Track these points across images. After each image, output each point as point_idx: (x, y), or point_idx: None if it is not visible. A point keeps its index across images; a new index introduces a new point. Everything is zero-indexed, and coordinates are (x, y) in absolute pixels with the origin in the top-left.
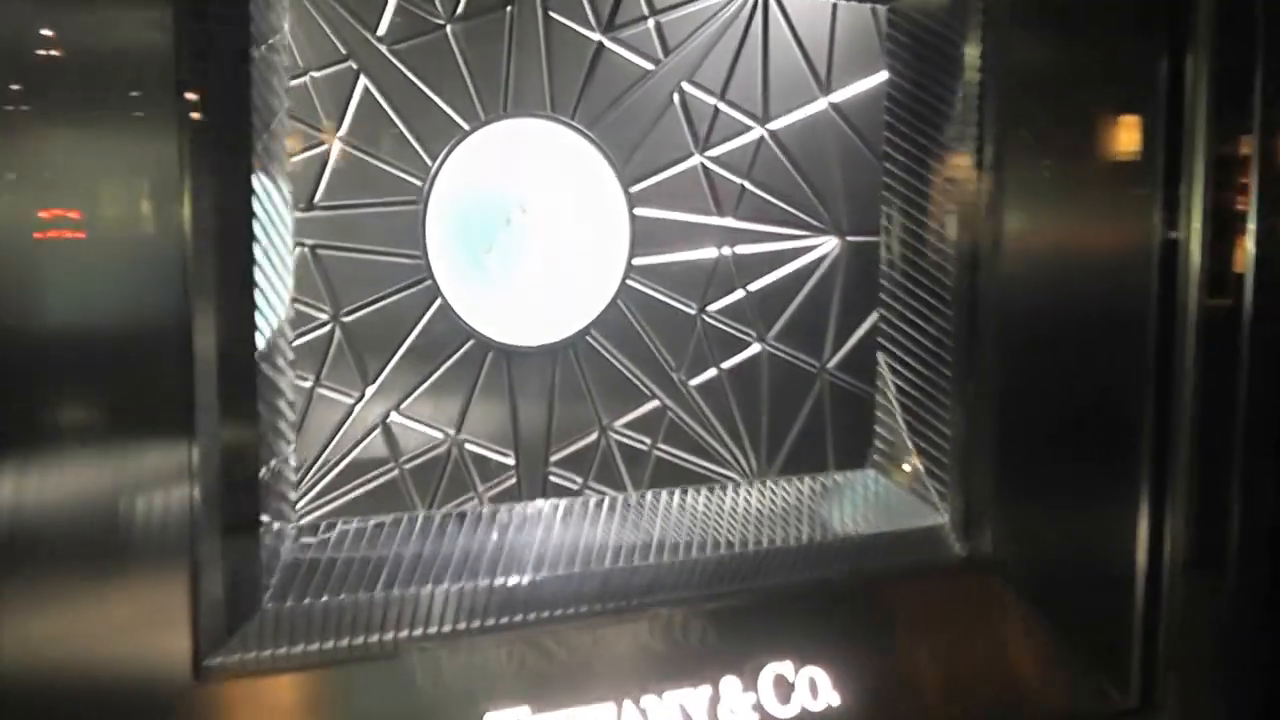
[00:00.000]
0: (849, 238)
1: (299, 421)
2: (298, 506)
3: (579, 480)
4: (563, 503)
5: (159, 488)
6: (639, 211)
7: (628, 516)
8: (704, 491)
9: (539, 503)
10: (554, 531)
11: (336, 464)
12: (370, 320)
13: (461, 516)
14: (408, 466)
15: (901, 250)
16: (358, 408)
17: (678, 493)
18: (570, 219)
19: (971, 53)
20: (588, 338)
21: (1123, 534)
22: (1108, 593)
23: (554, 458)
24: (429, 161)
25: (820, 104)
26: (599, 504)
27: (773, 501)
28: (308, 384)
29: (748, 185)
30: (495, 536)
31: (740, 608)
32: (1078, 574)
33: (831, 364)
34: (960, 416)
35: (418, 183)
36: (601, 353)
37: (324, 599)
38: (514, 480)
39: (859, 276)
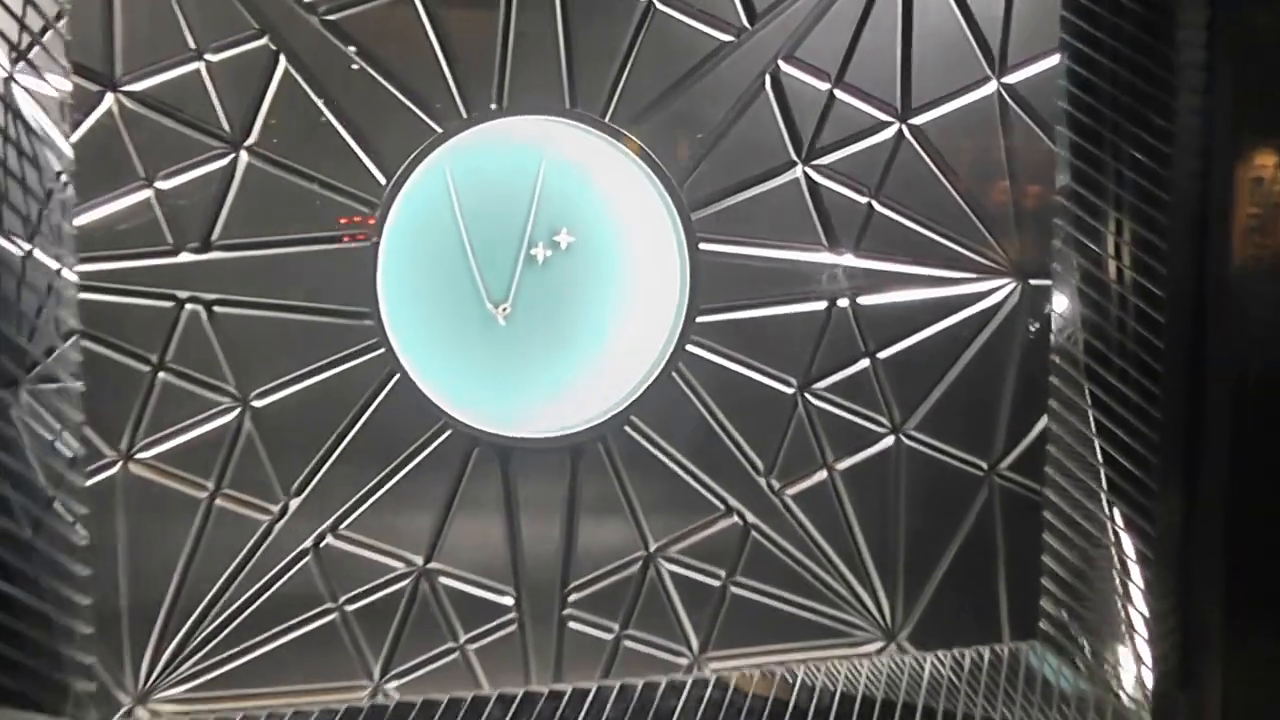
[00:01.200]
0: (1032, 280)
1: (190, 547)
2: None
3: (613, 627)
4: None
5: None
6: (707, 247)
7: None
8: (820, 664)
9: None
10: None
11: (244, 607)
12: (294, 403)
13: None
14: (352, 608)
15: (1099, 297)
16: (277, 527)
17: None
18: (609, 257)
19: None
20: (627, 426)
21: None
22: None
23: (574, 595)
24: (381, 179)
25: (987, 88)
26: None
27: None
28: (203, 494)
29: (876, 205)
30: None
31: None
32: None
33: (1005, 464)
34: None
35: (365, 210)
36: (647, 447)
37: None
38: (515, 627)
39: (1044, 337)
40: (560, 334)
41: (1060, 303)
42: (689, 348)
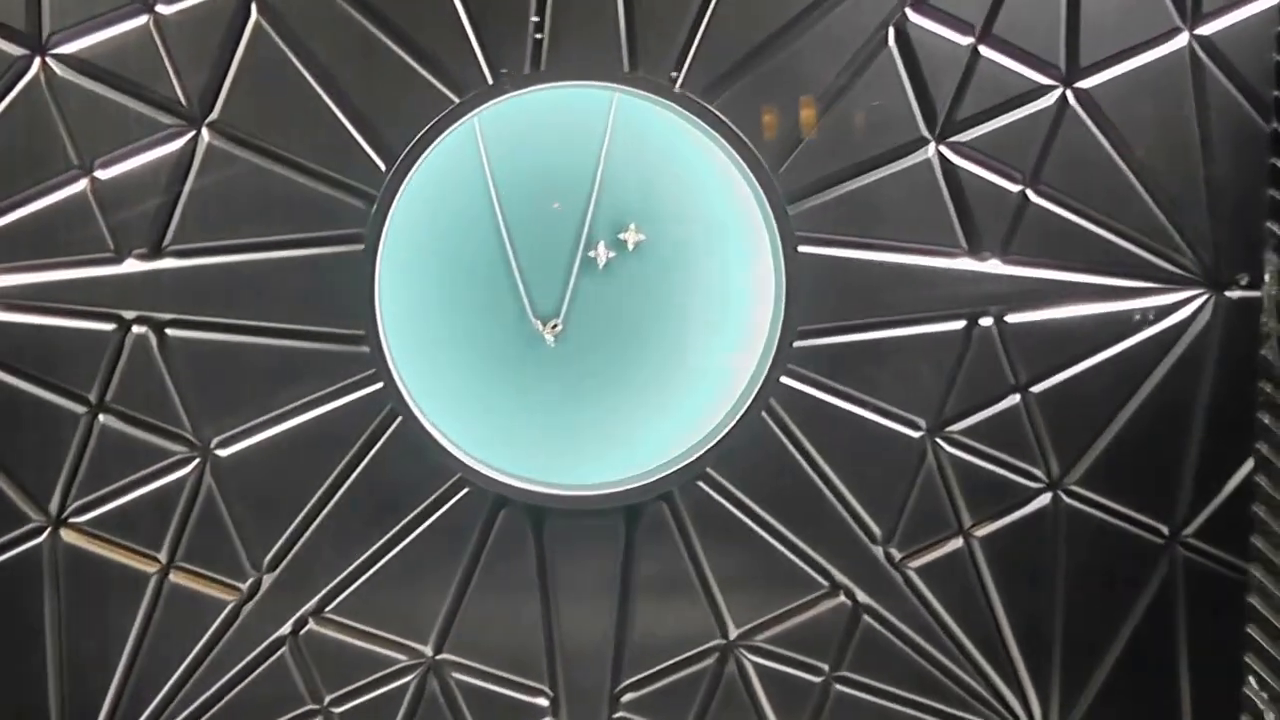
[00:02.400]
0: (1230, 292)
1: (137, 635)
2: None
3: None
4: None
5: None
6: (808, 250)
7: None
8: None
9: None
10: None
11: (203, 710)
12: (267, 452)
13: None
14: (340, 711)
15: None
16: (246, 609)
17: None
18: (687, 261)
19: None
20: (701, 480)
21: None
22: None
23: (628, 695)
24: (380, 164)
25: (1175, 41)
26: None
27: None
28: (153, 568)
29: (1031, 195)
30: None
31: None
32: None
33: (1192, 529)
34: None
35: (358, 203)
36: (727, 506)
37: None
38: None
39: (1247, 364)
40: (622, 359)
41: (1270, 319)
42: (784, 379)
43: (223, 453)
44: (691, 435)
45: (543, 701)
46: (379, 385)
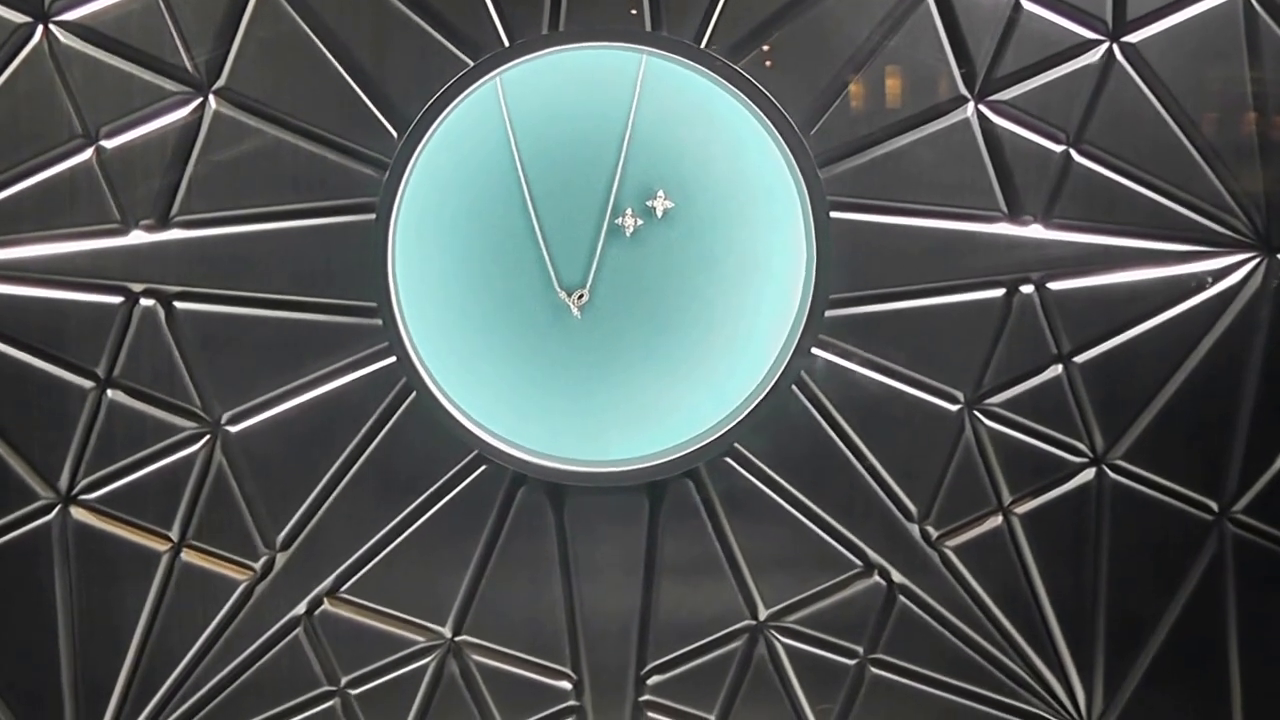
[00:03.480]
0: None
1: (149, 615)
2: None
3: (709, 718)
4: None
5: None
6: (840, 216)
7: None
8: None
9: None
10: None
11: (217, 691)
12: (279, 428)
13: None
14: (357, 693)
15: None
16: (259, 588)
17: None
18: (719, 228)
19: None
20: (729, 455)
21: None
22: None
23: (654, 678)
24: (392, 130)
25: None
26: None
27: None
28: (164, 547)
29: (1076, 155)
30: None
31: None
32: None
33: (1243, 504)
34: None
35: (370, 171)
36: (756, 484)
37: None
38: (574, 717)
39: None
40: (650, 330)
41: None
42: (815, 350)
43: (233, 429)
44: (721, 409)
45: (566, 684)
46: (393, 359)
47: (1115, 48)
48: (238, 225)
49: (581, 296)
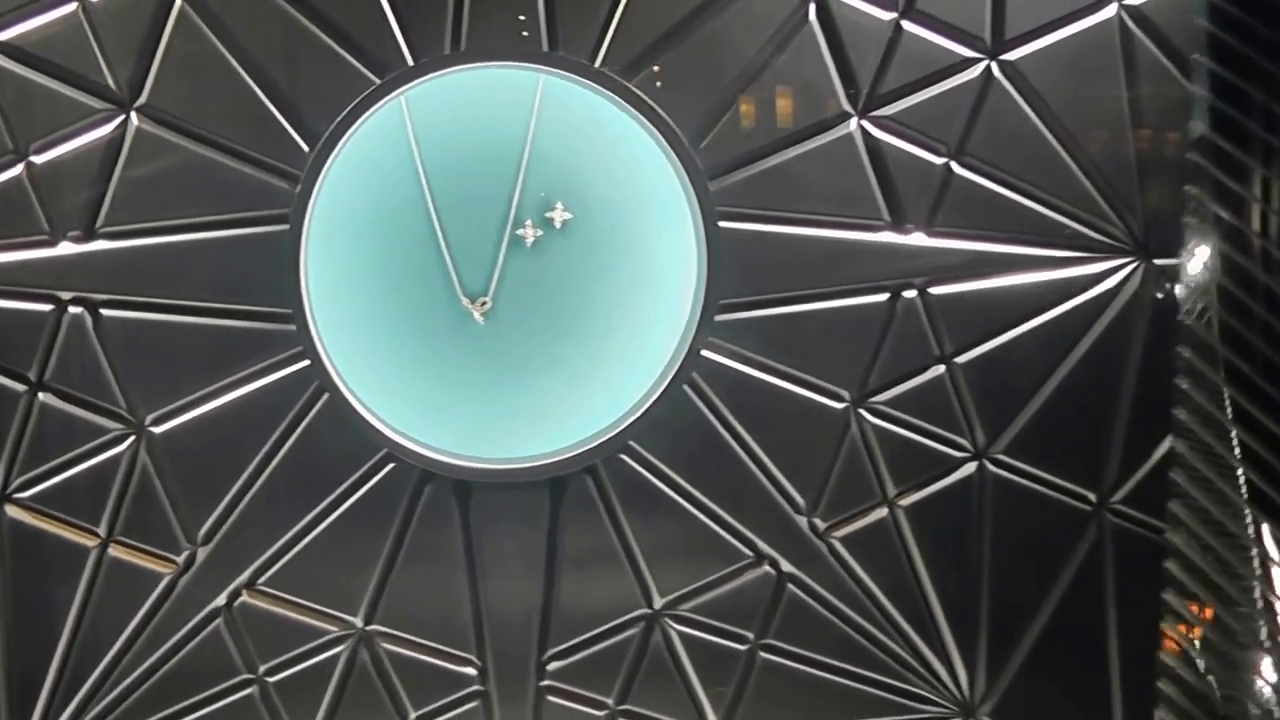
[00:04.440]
0: (1159, 259)
1: (78, 608)
2: None
3: (606, 702)
4: None
5: None
6: (729, 225)
7: None
8: None
9: None
10: None
11: (142, 680)
12: (200, 429)
13: None
14: (275, 680)
15: (1238, 280)
16: (182, 582)
17: None
18: (614, 238)
19: None
20: (624, 453)
21: None
22: None
23: (554, 664)
24: (304, 145)
25: (1105, 12)
26: None
27: None
28: (92, 542)
29: (956, 167)
30: None
31: None
32: None
33: (1119, 495)
34: None
35: (283, 184)
36: (650, 479)
37: None
38: (478, 702)
39: (1169, 335)
40: (551, 335)
41: (1191, 286)
42: (705, 352)
43: (157, 430)
44: (619, 409)
45: (471, 671)
46: (306, 363)
47: (994, 65)
48: (160, 236)
49: (485, 304)
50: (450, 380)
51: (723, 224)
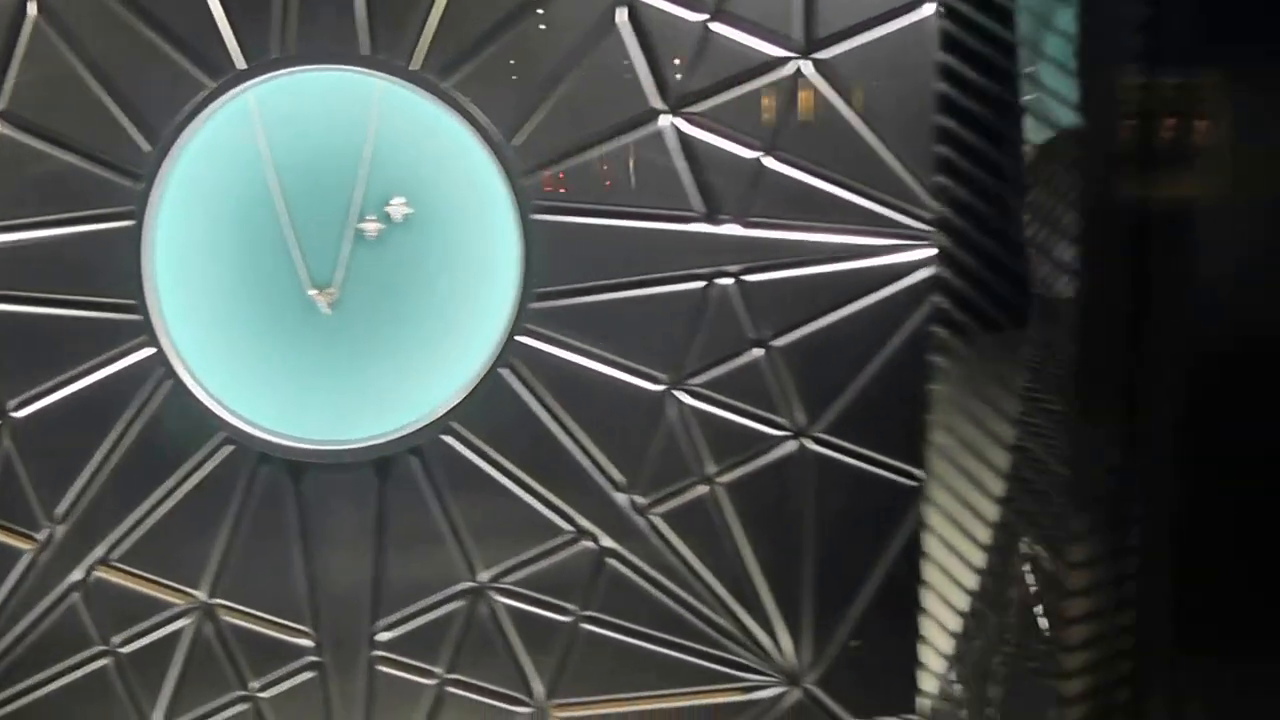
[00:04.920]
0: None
1: None
2: None
3: (435, 671)
4: None
5: None
6: (543, 218)
7: None
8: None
9: None
10: None
11: (3, 654)
12: (57, 414)
13: None
14: (127, 651)
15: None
16: (42, 559)
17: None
18: (451, 231)
19: None
20: (448, 435)
21: None
22: None
23: (385, 635)
24: (146, 145)
25: (921, 12)
26: None
27: None
28: None
29: (768, 161)
30: None
31: None
32: None
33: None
34: None
35: (128, 182)
36: (473, 459)
37: None
38: (315, 672)
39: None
40: (392, 324)
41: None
42: (522, 339)
43: (19, 414)
44: (449, 394)
45: (307, 642)
46: (151, 351)
47: (807, 63)
48: (15, 233)
49: (331, 293)
50: (297, 368)
51: (540, 217)
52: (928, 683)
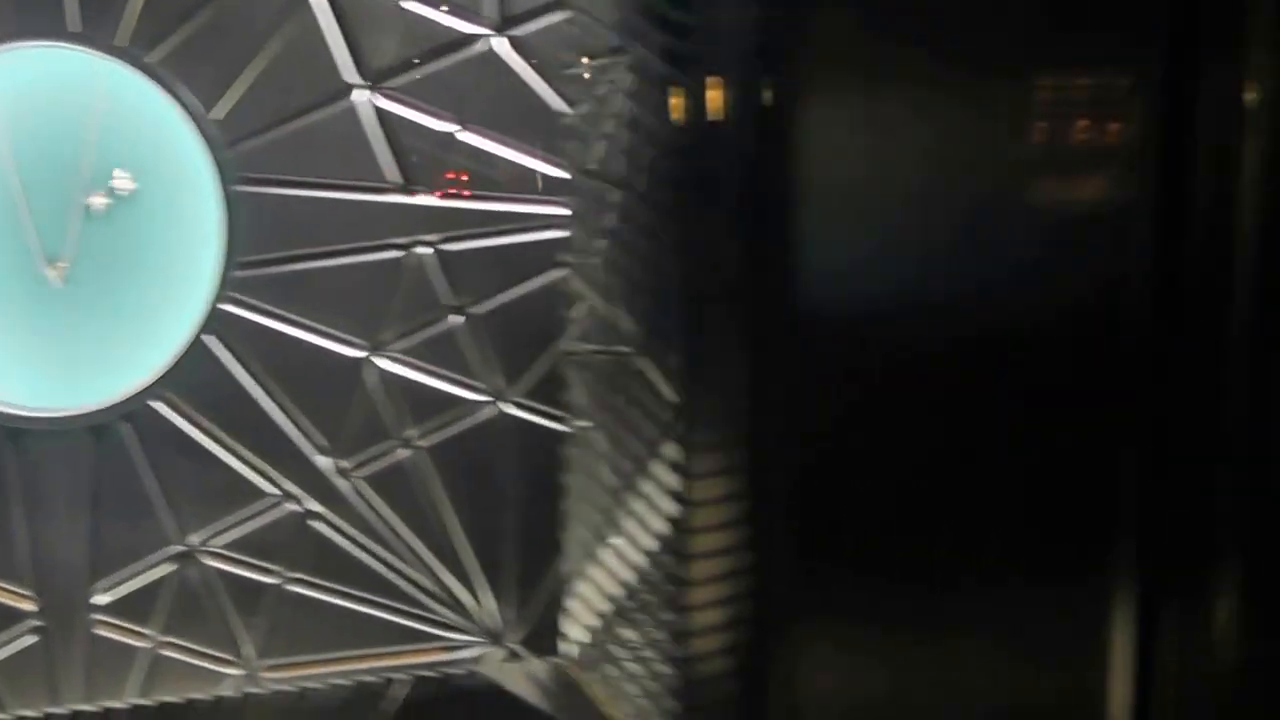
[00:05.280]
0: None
1: None
2: None
3: (150, 635)
4: None
5: None
6: (247, 189)
7: None
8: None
9: None
10: None
11: None
12: None
13: None
14: None
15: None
16: None
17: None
18: (173, 204)
19: None
20: (158, 401)
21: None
22: None
23: (100, 599)
24: None
25: None
26: None
27: None
28: None
29: (461, 135)
30: None
31: None
32: None
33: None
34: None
35: None
36: (181, 425)
37: None
38: (37, 637)
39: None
40: (117, 295)
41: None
42: (226, 306)
43: None
44: (147, 371)
45: (29, 606)
46: None
47: (500, 39)
48: None
49: (62, 266)
50: (30, 337)
51: (242, 188)
52: (573, 629)
